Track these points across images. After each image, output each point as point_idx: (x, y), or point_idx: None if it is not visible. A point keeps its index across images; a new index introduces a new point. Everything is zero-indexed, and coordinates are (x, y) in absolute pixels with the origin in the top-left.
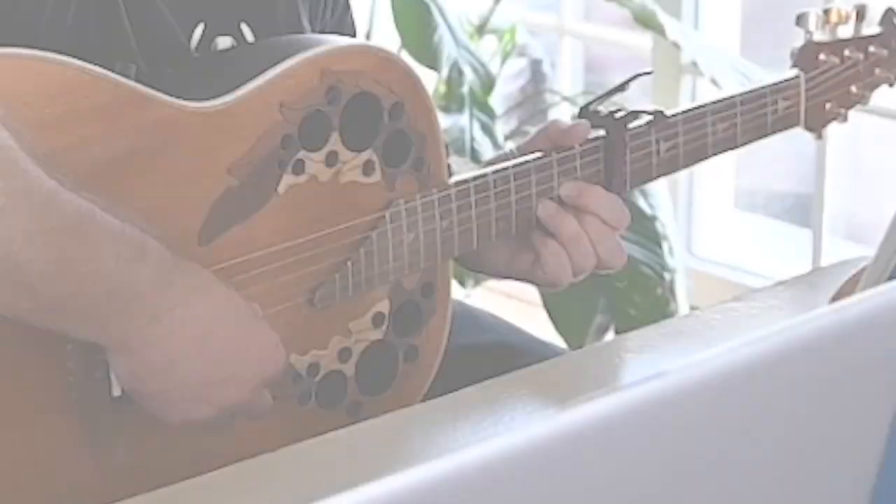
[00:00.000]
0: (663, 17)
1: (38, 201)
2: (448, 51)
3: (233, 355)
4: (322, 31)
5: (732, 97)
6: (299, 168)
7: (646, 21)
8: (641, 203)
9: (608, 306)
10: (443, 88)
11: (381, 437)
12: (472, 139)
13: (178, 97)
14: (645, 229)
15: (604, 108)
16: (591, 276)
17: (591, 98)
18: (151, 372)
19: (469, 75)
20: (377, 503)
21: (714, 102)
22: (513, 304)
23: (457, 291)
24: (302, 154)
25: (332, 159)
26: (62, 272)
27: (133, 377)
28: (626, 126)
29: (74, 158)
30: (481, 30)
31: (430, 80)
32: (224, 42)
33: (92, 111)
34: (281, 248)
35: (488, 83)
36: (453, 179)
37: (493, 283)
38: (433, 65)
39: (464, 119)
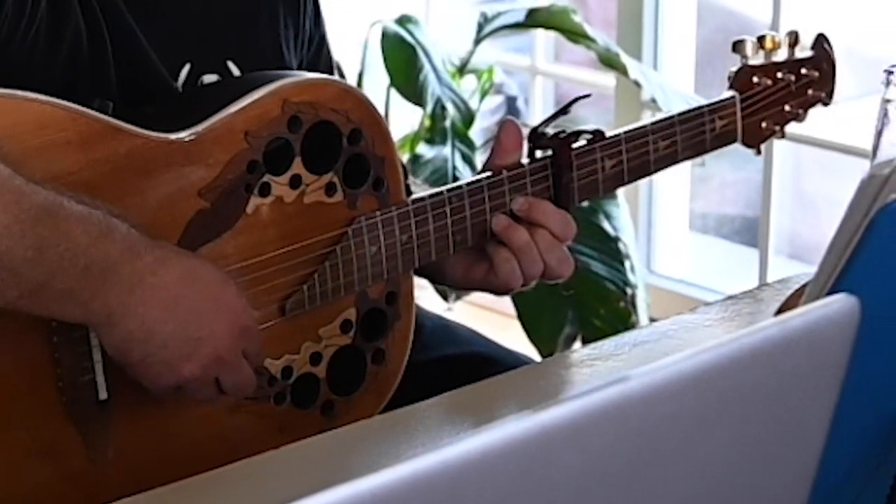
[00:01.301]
0: (625, 59)
1: (11, 197)
2: (432, 89)
3: (205, 314)
4: (299, 65)
5: (672, 117)
6: (265, 190)
7: (610, 62)
8: (606, 225)
9: (576, 318)
10: (428, 122)
11: (368, 439)
12: (454, 168)
13: (153, 129)
14: (609, 249)
15: (551, 131)
16: (560, 293)
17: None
18: (134, 340)
19: (451, 111)
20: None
21: (655, 122)
22: (490, 316)
23: (439, 305)
24: (267, 178)
25: (295, 182)
26: (40, 256)
27: (119, 350)
28: (570, 145)
29: (54, 186)
30: (462, 70)
31: (416, 115)
32: (210, 79)
33: (68, 143)
34: (251, 262)
35: (468, 118)
36: (412, 198)
37: (472, 298)
38: (419, 101)
39: (447, 150)
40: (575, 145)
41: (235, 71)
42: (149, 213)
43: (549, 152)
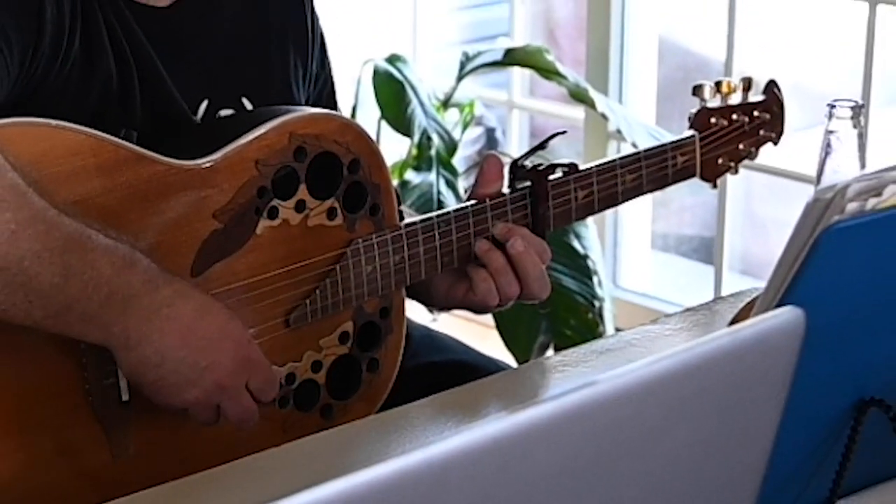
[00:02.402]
0: (593, 94)
1: (43, 227)
2: (419, 121)
3: (213, 345)
4: (306, 101)
5: (638, 153)
6: (273, 214)
7: (579, 97)
8: (576, 244)
9: (549, 328)
10: (415, 151)
11: (361, 438)
12: (439, 193)
13: (174, 157)
14: (578, 266)
15: (529, 163)
16: (535, 305)
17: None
18: (148, 364)
19: (436, 141)
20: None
21: (623, 157)
22: (472, 326)
23: (425, 316)
24: (275, 202)
25: (300, 206)
26: (67, 282)
27: (134, 371)
28: (546, 177)
29: (83, 207)
30: (446, 104)
31: (404, 145)
32: (226, 113)
33: (96, 168)
34: (260, 278)
35: (452, 147)
36: (404, 222)
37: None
38: (407, 132)
39: (432, 176)
40: (551, 177)
41: (249, 106)
42: (168, 233)
43: (528, 183)
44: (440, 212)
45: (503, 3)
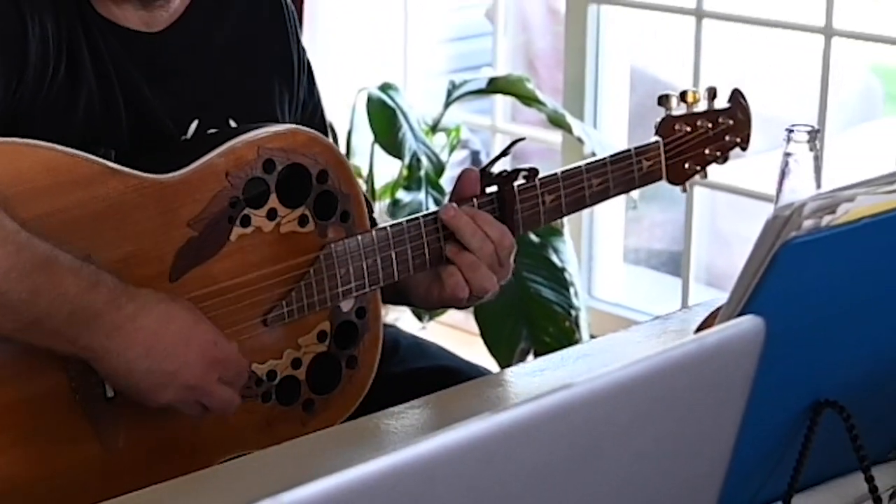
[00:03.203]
0: (570, 119)
1: (13, 247)
2: (409, 144)
3: (178, 351)
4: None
5: (604, 159)
6: (246, 222)
7: (557, 122)
8: (554, 258)
9: (529, 335)
10: (405, 172)
11: (349, 437)
12: (428, 210)
13: (151, 173)
14: (556, 278)
15: (495, 171)
16: (515, 315)
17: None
18: (118, 374)
19: (425, 162)
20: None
21: (589, 163)
22: (457, 334)
23: (414, 325)
24: (247, 211)
25: (272, 214)
26: (34, 299)
27: (109, 378)
28: (511, 182)
29: (61, 218)
30: (434, 128)
31: (396, 166)
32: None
33: (72, 183)
34: (236, 282)
35: (440, 169)
36: (375, 228)
37: (442, 319)
38: (398, 155)
39: (421, 195)
40: (517, 182)
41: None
42: (144, 241)
43: (495, 189)
44: (410, 217)
45: (487, 35)
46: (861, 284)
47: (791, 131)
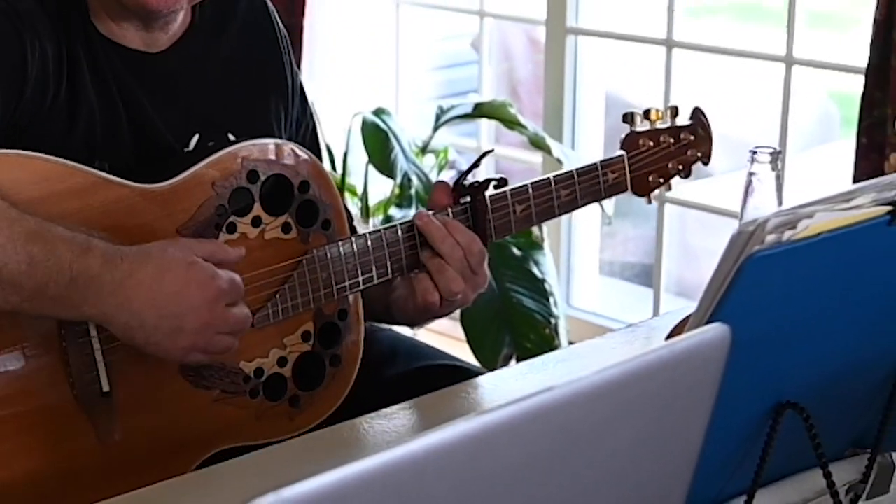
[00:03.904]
0: (550, 141)
1: (6, 222)
2: (401, 164)
3: (179, 297)
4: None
5: (571, 171)
6: (232, 228)
7: (538, 144)
8: (535, 270)
9: (511, 342)
10: (397, 191)
11: (350, 434)
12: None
13: (151, 183)
14: (537, 288)
15: (468, 182)
16: (499, 323)
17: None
18: (132, 328)
19: (415, 182)
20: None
21: (557, 175)
22: (445, 339)
23: (405, 330)
24: (233, 218)
25: (256, 222)
26: (32, 269)
27: (125, 337)
28: (482, 192)
29: (60, 224)
30: (424, 150)
31: (388, 185)
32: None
33: (67, 191)
34: None
35: (429, 187)
36: (356, 235)
37: (431, 325)
38: (391, 174)
39: (412, 212)
40: (489, 192)
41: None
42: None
43: (468, 199)
44: (388, 225)
45: (473, 63)
46: (820, 294)
47: (754, 152)
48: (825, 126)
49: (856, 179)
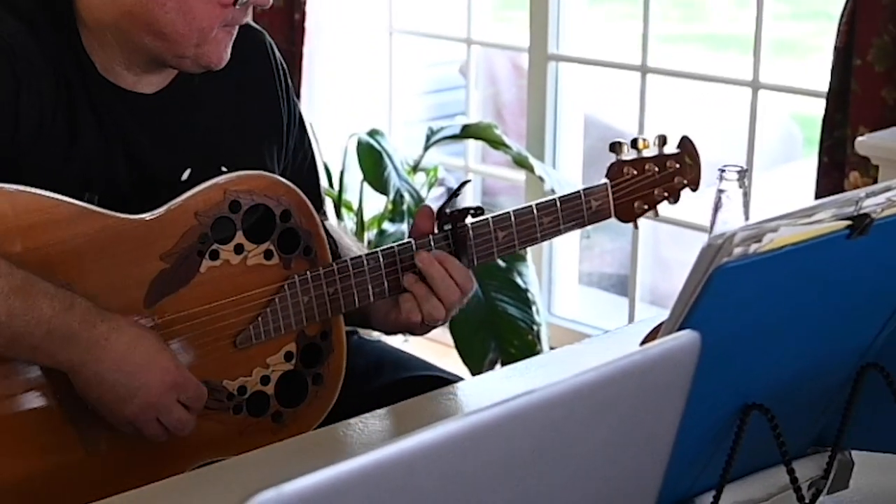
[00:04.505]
0: (533, 161)
1: None
2: (394, 182)
3: (141, 371)
4: (283, 171)
5: (554, 199)
6: (215, 255)
7: (521, 163)
8: (518, 281)
9: (497, 347)
10: (390, 207)
11: (335, 437)
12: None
13: (130, 213)
14: (520, 297)
15: (449, 210)
16: (485, 331)
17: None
18: (91, 384)
19: (407, 198)
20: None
21: (539, 202)
22: (436, 346)
23: (398, 338)
24: (216, 246)
25: (239, 249)
26: (10, 321)
27: (82, 389)
28: (462, 219)
29: (44, 253)
30: (415, 168)
31: (382, 201)
32: None
33: (53, 222)
34: (207, 307)
35: (420, 203)
36: (337, 261)
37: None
38: (384, 191)
39: (404, 226)
40: (471, 220)
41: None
42: (121, 273)
43: (449, 226)
44: (370, 251)
45: (460, 88)
46: (784, 303)
47: (723, 171)
48: (789, 146)
49: (817, 196)
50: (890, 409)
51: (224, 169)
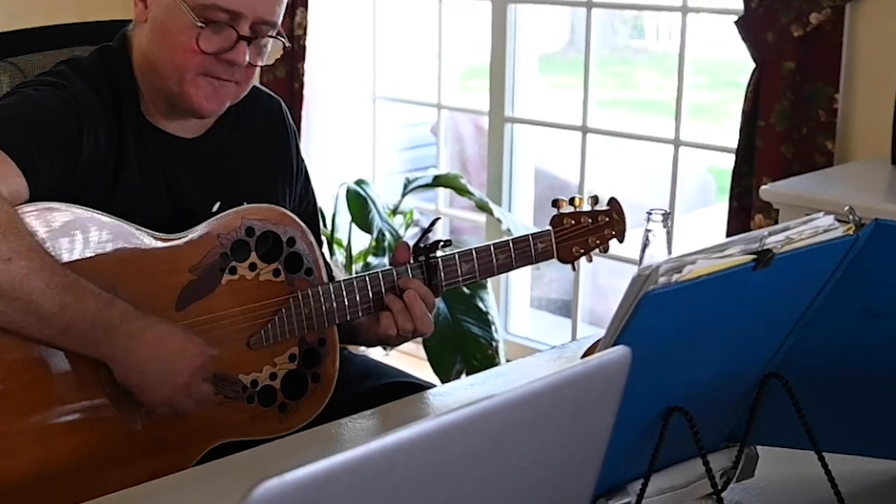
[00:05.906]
0: (492, 205)
1: (48, 273)
2: (377, 223)
3: (173, 360)
4: (291, 211)
5: (508, 240)
6: (233, 271)
7: (482, 207)
8: (480, 304)
9: (462, 360)
10: (374, 244)
11: (324, 436)
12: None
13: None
14: (482, 318)
15: (423, 244)
16: (453, 347)
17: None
18: (131, 372)
19: (388, 236)
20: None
21: (496, 243)
22: (411, 359)
23: (378, 352)
24: (234, 263)
25: (253, 267)
26: (62, 312)
27: (123, 377)
28: (433, 252)
29: (95, 261)
30: (395, 212)
31: (367, 239)
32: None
33: (107, 238)
34: (227, 313)
35: (399, 241)
36: (333, 282)
37: (401, 348)
38: (369, 230)
39: (385, 260)
40: (439, 253)
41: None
42: (157, 280)
43: (422, 258)
44: (359, 275)
45: (432, 145)
46: (701, 323)
47: (650, 213)
48: (704, 193)
49: (728, 234)
50: (789, 411)
51: (245, 203)
